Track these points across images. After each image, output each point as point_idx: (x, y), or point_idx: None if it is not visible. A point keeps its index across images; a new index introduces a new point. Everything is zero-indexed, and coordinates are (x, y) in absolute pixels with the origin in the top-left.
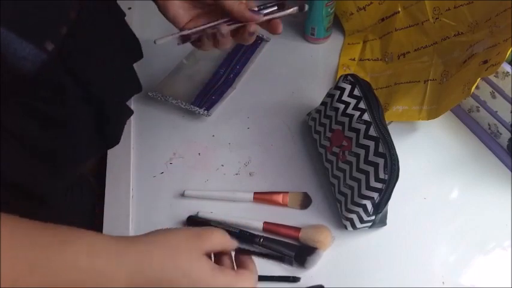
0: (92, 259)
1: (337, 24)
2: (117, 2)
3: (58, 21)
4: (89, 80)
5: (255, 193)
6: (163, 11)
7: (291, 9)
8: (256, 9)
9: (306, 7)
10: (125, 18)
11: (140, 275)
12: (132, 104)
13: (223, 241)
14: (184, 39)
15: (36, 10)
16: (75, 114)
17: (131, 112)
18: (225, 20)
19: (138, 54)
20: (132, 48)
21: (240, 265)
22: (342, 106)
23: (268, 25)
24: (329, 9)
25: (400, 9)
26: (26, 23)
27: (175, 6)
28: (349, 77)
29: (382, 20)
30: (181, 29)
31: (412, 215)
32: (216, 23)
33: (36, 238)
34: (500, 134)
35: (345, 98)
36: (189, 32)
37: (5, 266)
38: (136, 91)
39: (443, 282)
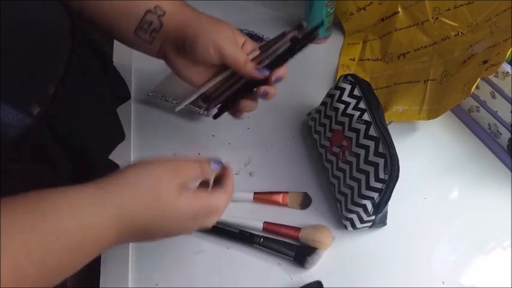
0: (75, 219)
1: (337, 24)
2: None
3: (46, 81)
4: (75, 143)
5: (255, 193)
6: (177, 74)
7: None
8: (263, 53)
9: (304, 23)
10: None
11: (127, 219)
12: (132, 104)
13: (195, 173)
14: (206, 102)
15: (24, 72)
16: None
17: (116, 165)
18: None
19: (125, 97)
20: (119, 91)
21: (219, 182)
22: (342, 106)
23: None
24: (329, 9)
25: (400, 9)
26: (11, 87)
27: (186, 68)
28: (349, 77)
29: (382, 20)
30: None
31: (412, 215)
32: (221, 77)
33: (13, 219)
34: (500, 134)
35: (345, 98)
36: (201, 92)
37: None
38: (120, 139)
39: (443, 282)
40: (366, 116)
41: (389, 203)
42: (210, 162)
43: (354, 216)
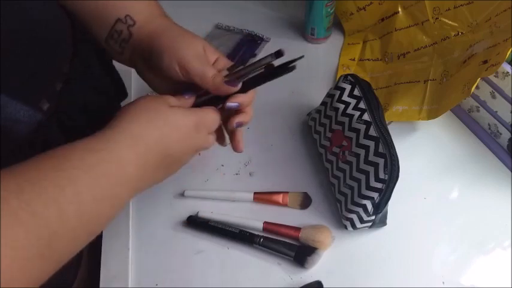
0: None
1: (337, 24)
2: None
3: (53, 78)
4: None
5: (255, 193)
6: (150, 88)
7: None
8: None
9: (284, 52)
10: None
11: (140, 143)
12: None
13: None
14: None
15: (30, 69)
16: None
17: None
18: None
19: (123, 95)
20: (118, 89)
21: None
22: (342, 106)
23: (232, 140)
24: (329, 9)
25: (400, 9)
26: (20, 84)
27: (156, 84)
28: (349, 77)
29: (382, 20)
30: None
31: (412, 215)
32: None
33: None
34: (500, 134)
35: (345, 98)
36: None
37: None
38: None
39: (443, 282)
40: (366, 116)
41: (390, 203)
42: (183, 94)
43: (354, 216)
